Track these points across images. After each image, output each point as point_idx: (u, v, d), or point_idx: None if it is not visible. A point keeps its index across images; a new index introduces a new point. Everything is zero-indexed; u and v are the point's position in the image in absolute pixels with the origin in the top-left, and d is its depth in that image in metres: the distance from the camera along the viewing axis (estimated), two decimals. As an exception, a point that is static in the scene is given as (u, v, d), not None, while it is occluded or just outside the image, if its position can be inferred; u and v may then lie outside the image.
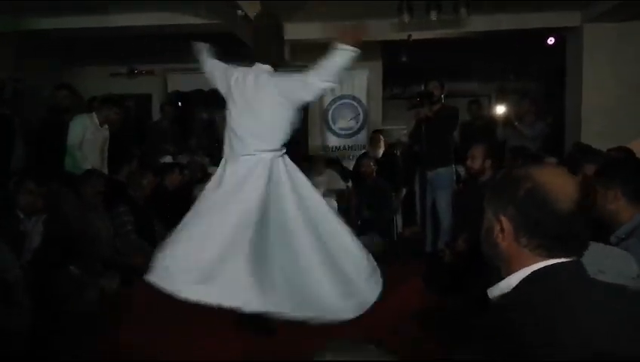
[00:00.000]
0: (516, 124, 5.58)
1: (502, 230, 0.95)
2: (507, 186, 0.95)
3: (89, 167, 4.34)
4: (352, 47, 2.66)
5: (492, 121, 6.74)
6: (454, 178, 4.69)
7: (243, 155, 2.75)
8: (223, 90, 2.90)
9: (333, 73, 2.66)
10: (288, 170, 2.84)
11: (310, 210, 2.80)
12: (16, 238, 2.82)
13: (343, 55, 2.65)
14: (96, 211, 3.85)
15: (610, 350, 0.83)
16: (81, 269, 3.00)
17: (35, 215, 2.99)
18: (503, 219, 0.95)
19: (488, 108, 8.74)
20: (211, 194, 2.75)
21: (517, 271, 0.95)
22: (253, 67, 2.84)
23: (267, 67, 2.83)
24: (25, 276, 2.45)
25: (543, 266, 0.93)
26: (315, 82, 2.67)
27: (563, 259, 0.93)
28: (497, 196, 0.97)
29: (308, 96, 2.76)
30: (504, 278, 0.98)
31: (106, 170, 4.65)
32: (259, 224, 2.60)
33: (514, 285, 0.95)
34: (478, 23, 5.78)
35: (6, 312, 2.22)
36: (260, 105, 2.76)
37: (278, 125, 2.78)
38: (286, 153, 2.91)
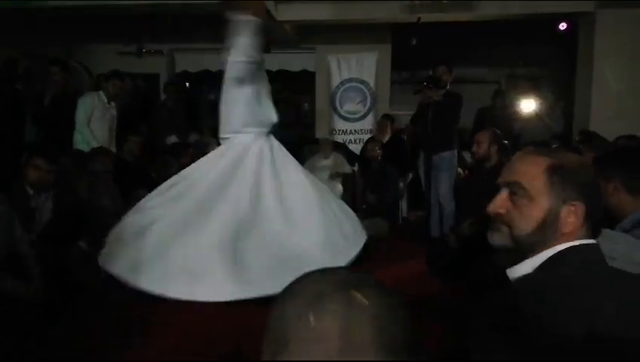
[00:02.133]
0: (545, 120, 5.57)
1: (572, 216, 0.96)
2: (577, 174, 0.97)
3: (97, 144, 4.38)
4: (250, 17, 2.74)
5: (514, 113, 6.56)
6: (456, 162, 4.71)
7: (221, 137, 2.93)
8: None
9: (243, 47, 2.76)
10: (271, 154, 2.96)
11: (288, 200, 2.93)
12: (26, 213, 2.86)
13: (244, 26, 2.73)
14: (105, 188, 3.89)
15: (621, 334, 0.85)
16: (89, 244, 3.05)
17: (44, 191, 3.03)
18: (579, 204, 0.96)
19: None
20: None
21: (545, 251, 0.97)
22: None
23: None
24: (35, 250, 2.50)
25: (570, 246, 0.96)
26: (230, 60, 2.81)
27: (589, 241, 0.97)
28: (565, 182, 0.96)
29: (229, 73, 2.88)
30: (525, 259, 0.99)
31: (114, 148, 4.68)
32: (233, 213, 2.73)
33: (537, 265, 0.97)
34: (489, 7, 5.70)
35: (18, 284, 2.28)
36: (224, 87, 2.98)
37: (230, 106, 2.93)
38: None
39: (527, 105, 6.63)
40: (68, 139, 4.54)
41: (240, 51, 2.78)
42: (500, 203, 1.02)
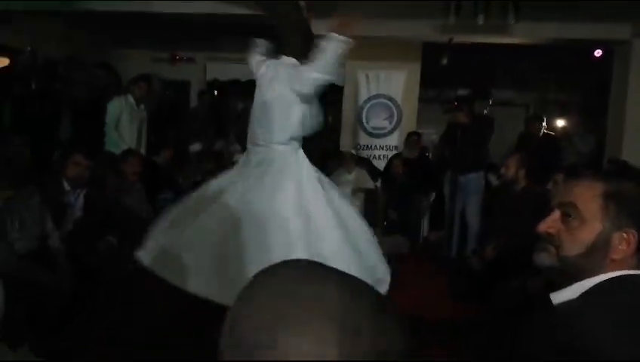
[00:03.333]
0: (573, 139, 5.48)
1: (624, 243, 0.95)
2: (636, 203, 0.96)
3: (125, 147, 4.48)
4: (342, 37, 2.68)
5: (554, 137, 6.46)
6: (483, 184, 4.67)
7: (254, 145, 2.86)
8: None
9: (326, 64, 2.68)
10: (299, 168, 2.89)
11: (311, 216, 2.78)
12: (58, 209, 2.94)
13: (334, 45, 2.67)
14: (132, 189, 3.96)
15: None
16: (118, 239, 3.12)
17: (80, 187, 3.11)
18: (633, 232, 0.95)
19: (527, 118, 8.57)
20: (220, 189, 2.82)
21: (593, 277, 0.96)
22: (280, 60, 2.92)
23: (293, 60, 2.89)
24: (66, 245, 2.56)
25: (621, 274, 0.95)
26: (308, 74, 2.70)
27: (636, 271, 0.95)
28: (622, 209, 0.96)
29: (302, 88, 2.75)
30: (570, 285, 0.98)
31: (143, 150, 4.78)
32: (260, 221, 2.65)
33: (584, 291, 0.96)
34: (523, 31, 5.67)
35: (50, 276, 2.33)
36: (270, 95, 2.83)
37: (285, 118, 2.82)
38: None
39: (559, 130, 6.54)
40: (100, 138, 4.66)
41: (321, 68, 2.71)
42: (551, 223, 1.02)
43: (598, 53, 6.10)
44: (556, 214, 1.02)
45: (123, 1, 5.58)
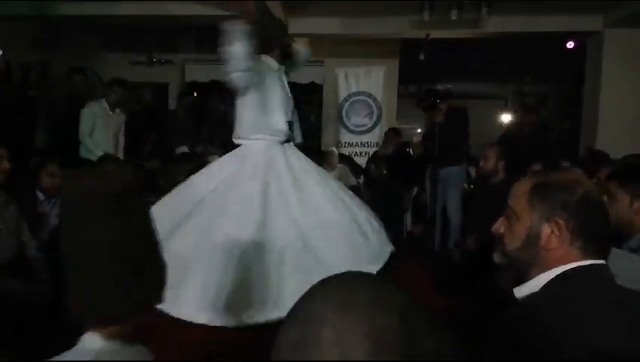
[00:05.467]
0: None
1: (554, 233, 0.98)
2: (559, 192, 0.99)
3: (100, 153, 4.41)
4: (239, 24, 2.71)
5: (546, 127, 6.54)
6: (465, 177, 4.71)
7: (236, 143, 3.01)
8: None
9: (236, 56, 2.71)
10: (286, 162, 2.98)
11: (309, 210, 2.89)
12: (34, 218, 2.89)
13: (234, 34, 2.69)
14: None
15: (629, 353, 0.86)
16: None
17: (54, 197, 3.07)
18: (560, 222, 0.98)
19: (504, 111, 8.68)
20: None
21: (550, 270, 0.99)
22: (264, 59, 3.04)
23: (269, 59, 3.03)
24: (42, 255, 2.53)
25: (577, 266, 0.97)
26: (226, 71, 2.79)
27: (595, 261, 0.98)
28: (547, 201, 0.99)
29: (233, 84, 2.86)
30: (532, 278, 1.01)
31: (121, 156, 4.72)
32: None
33: (543, 283, 0.99)
34: (498, 24, 5.75)
35: (28, 287, 2.30)
36: (286, 89, 3.14)
37: (238, 114, 3.01)
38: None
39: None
40: (77, 145, 4.58)
41: (235, 61, 2.71)
42: (499, 223, 1.09)
43: (570, 44, 6.20)
44: (505, 215, 1.08)
45: (94, 4, 5.51)
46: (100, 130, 4.63)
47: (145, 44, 7.25)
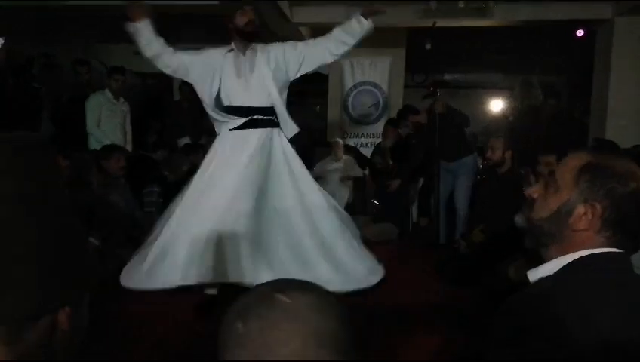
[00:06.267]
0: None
1: (586, 215, 0.95)
2: (609, 178, 0.95)
3: (109, 143, 4.41)
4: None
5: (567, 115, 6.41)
6: (477, 167, 4.70)
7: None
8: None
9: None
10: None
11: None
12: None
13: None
14: (117, 185, 3.92)
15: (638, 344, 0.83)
16: (100, 240, 3.07)
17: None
18: (597, 207, 0.95)
19: (512, 101, 8.60)
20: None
21: (568, 253, 0.96)
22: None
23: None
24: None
25: (595, 252, 0.95)
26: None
27: (613, 249, 0.95)
28: (594, 183, 0.96)
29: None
30: (549, 259, 0.99)
31: (129, 146, 4.71)
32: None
33: (558, 268, 0.96)
34: (505, 13, 5.66)
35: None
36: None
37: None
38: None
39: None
40: (83, 135, 4.58)
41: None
42: (535, 187, 1.06)
43: (580, 33, 6.10)
44: (544, 181, 1.05)
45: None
46: (107, 120, 4.64)
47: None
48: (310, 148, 5.94)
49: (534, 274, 1.01)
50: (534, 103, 6.72)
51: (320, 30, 6.48)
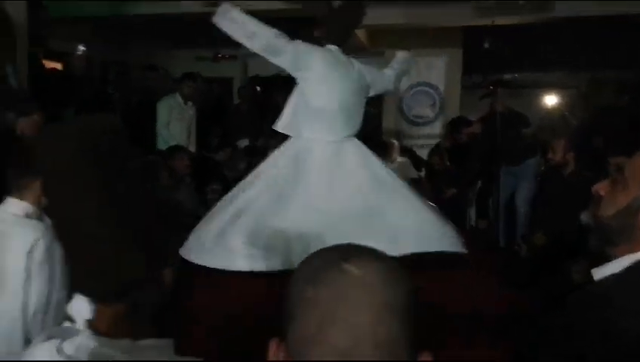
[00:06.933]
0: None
1: None
2: None
3: (175, 143, 4.65)
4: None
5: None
6: (538, 170, 4.58)
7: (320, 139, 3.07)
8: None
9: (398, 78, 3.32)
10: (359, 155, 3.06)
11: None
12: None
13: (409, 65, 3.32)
14: (182, 185, 4.13)
15: None
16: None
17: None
18: None
19: (578, 101, 8.21)
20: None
21: (637, 252, 0.95)
22: (328, 48, 3.02)
23: (334, 47, 3.02)
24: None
25: None
26: (389, 79, 3.41)
27: None
28: None
29: (380, 89, 3.37)
30: (612, 259, 0.98)
31: (193, 147, 4.95)
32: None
33: (625, 266, 0.95)
34: (569, 8, 5.43)
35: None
36: (363, 83, 3.17)
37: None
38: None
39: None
40: (150, 137, 4.85)
41: (396, 80, 3.68)
42: (602, 185, 1.03)
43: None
44: (611, 177, 1.03)
45: (170, 2, 5.75)
46: (176, 122, 4.91)
47: (209, 39, 7.50)
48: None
49: (600, 273, 0.99)
50: (605, 102, 6.36)
51: (374, 32, 6.51)
